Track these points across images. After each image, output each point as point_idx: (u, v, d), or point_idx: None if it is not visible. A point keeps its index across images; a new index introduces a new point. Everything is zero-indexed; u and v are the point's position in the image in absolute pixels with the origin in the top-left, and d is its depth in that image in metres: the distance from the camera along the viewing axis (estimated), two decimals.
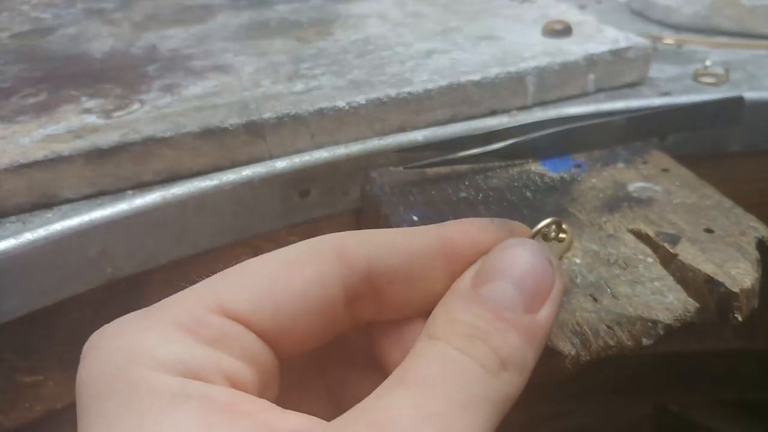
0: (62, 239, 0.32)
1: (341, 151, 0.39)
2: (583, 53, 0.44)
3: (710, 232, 0.30)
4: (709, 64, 0.48)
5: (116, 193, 0.36)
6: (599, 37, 0.47)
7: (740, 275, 0.27)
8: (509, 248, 0.21)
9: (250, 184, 0.37)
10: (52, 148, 0.35)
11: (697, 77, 0.47)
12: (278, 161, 0.38)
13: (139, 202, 0.34)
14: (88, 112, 0.39)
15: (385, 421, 0.17)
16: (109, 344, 0.18)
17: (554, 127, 0.38)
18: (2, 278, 0.31)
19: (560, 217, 0.31)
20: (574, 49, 0.45)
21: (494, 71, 0.42)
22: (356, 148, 0.39)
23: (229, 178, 0.36)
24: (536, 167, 0.38)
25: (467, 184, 0.37)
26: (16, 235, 0.32)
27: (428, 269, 0.21)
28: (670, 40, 0.55)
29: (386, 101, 0.39)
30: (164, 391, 0.17)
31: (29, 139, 0.36)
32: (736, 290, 0.26)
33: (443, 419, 0.17)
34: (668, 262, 0.29)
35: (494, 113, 0.43)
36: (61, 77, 0.45)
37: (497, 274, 0.20)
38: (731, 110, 0.40)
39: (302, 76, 0.43)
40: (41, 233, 0.32)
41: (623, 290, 0.27)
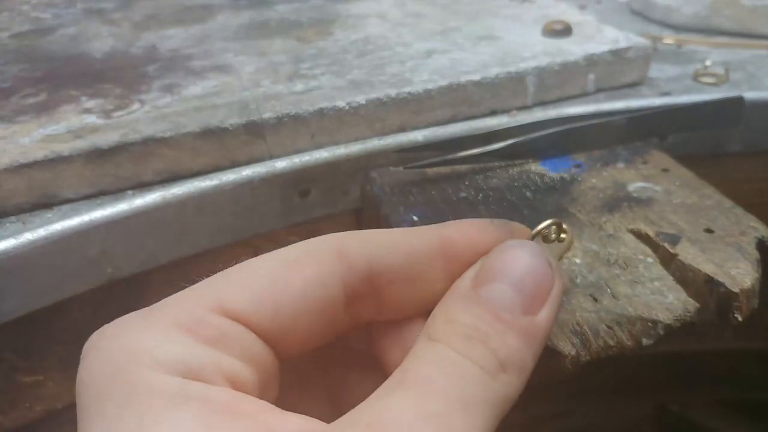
0: (62, 239, 0.32)
1: (341, 151, 0.39)
2: (583, 53, 0.44)
3: (710, 232, 0.30)
4: (709, 64, 0.48)
5: (116, 193, 0.36)
6: (599, 37, 0.47)
7: (740, 275, 0.27)
8: (509, 249, 0.21)
9: (250, 184, 0.37)
10: (52, 148, 0.35)
11: (697, 77, 0.47)
12: (278, 161, 0.38)
13: (139, 202, 0.34)
14: (88, 112, 0.39)
15: (384, 422, 0.17)
16: (109, 344, 0.18)
17: (554, 127, 0.38)
18: (2, 278, 0.31)
19: (560, 217, 0.31)
20: (574, 49, 0.45)
21: (494, 71, 0.42)
22: (356, 148, 0.39)
23: (229, 178, 0.36)
24: (536, 167, 0.38)
25: (467, 184, 0.37)
26: (16, 235, 0.32)
27: (428, 269, 0.21)
28: (670, 40, 0.55)
29: (386, 101, 0.39)
30: (164, 391, 0.17)
31: (29, 139, 0.36)
32: (736, 290, 0.26)
33: (443, 421, 0.17)
34: (668, 262, 0.29)
35: (494, 113, 0.43)
36: (61, 77, 0.45)
37: (497, 275, 0.20)
38: (731, 110, 0.40)
39: (302, 76, 0.43)
40: (41, 233, 0.32)
41: (623, 290, 0.27)
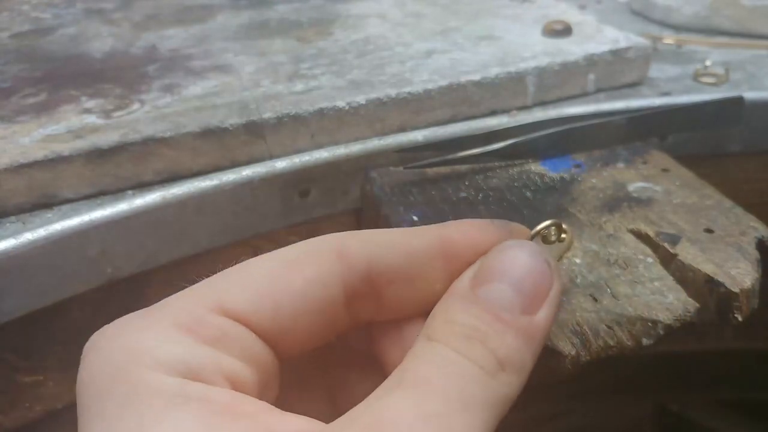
0: (62, 239, 0.32)
1: (341, 151, 0.39)
2: (583, 53, 0.44)
3: (710, 232, 0.30)
4: (709, 64, 0.48)
5: (116, 193, 0.36)
6: (599, 37, 0.47)
7: (740, 275, 0.27)
8: (508, 249, 0.21)
9: (250, 184, 0.37)
10: (52, 148, 0.35)
11: (697, 77, 0.47)
12: (278, 161, 0.38)
13: (139, 202, 0.34)
14: (88, 112, 0.39)
15: (383, 422, 0.17)
16: (109, 344, 0.18)
17: (554, 127, 0.38)
18: (2, 278, 0.31)
19: (560, 217, 0.31)
20: (574, 49, 0.45)
21: (494, 71, 0.42)
22: (356, 148, 0.39)
23: (229, 178, 0.36)
24: (536, 167, 0.38)
25: (467, 184, 0.37)
26: (16, 235, 0.32)
27: (428, 269, 0.21)
28: (670, 40, 0.55)
29: (386, 101, 0.39)
30: (164, 391, 0.17)
31: (29, 139, 0.36)
32: (736, 290, 0.26)
33: (442, 420, 0.17)
34: (668, 262, 0.29)
35: (494, 113, 0.43)
36: (61, 77, 0.45)
37: (495, 275, 0.20)
38: (731, 110, 0.40)
39: (302, 76, 0.43)
40: (41, 233, 0.32)
41: (623, 290, 0.27)
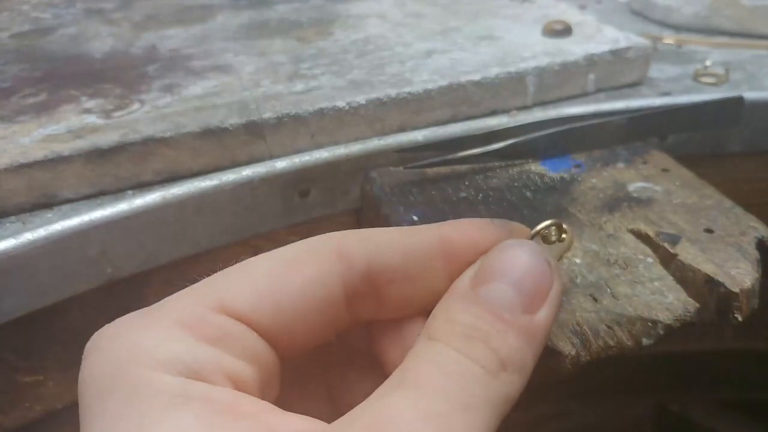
0: (62, 239, 0.32)
1: (341, 151, 0.39)
2: (583, 53, 0.44)
3: (710, 232, 0.30)
4: (709, 64, 0.48)
5: (116, 193, 0.36)
6: (599, 37, 0.47)
7: (740, 275, 0.27)
8: (508, 249, 0.21)
9: (250, 184, 0.37)
10: (52, 148, 0.35)
11: (697, 77, 0.47)
12: (278, 161, 0.38)
13: (139, 202, 0.34)
14: (88, 112, 0.39)
15: (384, 422, 0.17)
16: (110, 344, 0.18)
17: (554, 127, 0.38)
18: (2, 278, 0.31)
19: (560, 217, 0.31)
20: (574, 49, 0.45)
21: (494, 71, 0.42)
22: (356, 148, 0.39)
23: (229, 178, 0.36)
24: (536, 167, 0.38)
25: (467, 184, 0.36)
26: (16, 235, 0.32)
27: (427, 268, 0.21)
28: (670, 40, 0.55)
29: (386, 101, 0.39)
30: (165, 391, 0.17)
31: (29, 139, 0.36)
32: (736, 290, 0.26)
33: (443, 420, 0.17)
34: (668, 262, 0.29)
35: (494, 113, 0.43)
36: (61, 77, 0.45)
37: (496, 274, 0.20)
38: (731, 110, 0.40)
39: (302, 76, 0.43)
40: (41, 233, 0.32)
41: (623, 290, 0.27)
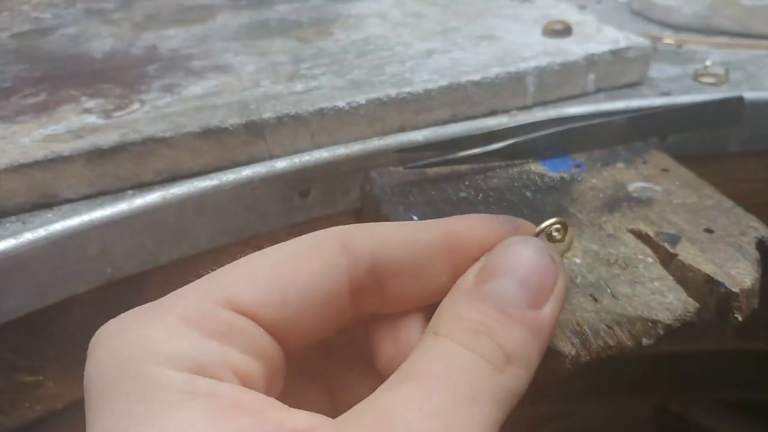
0: (62, 239, 0.32)
1: (341, 151, 0.39)
2: (583, 53, 0.44)
3: (710, 232, 0.30)
4: (709, 64, 0.48)
5: (116, 193, 0.36)
6: (599, 37, 0.47)
7: (740, 275, 0.27)
8: (512, 245, 0.21)
9: (250, 184, 0.37)
10: (52, 148, 0.35)
11: (697, 77, 0.47)
12: (278, 161, 0.38)
13: (139, 202, 0.34)
14: (88, 112, 0.39)
15: (390, 416, 0.17)
16: (115, 340, 0.18)
17: (554, 127, 0.38)
18: (2, 278, 0.31)
19: (560, 217, 0.31)
20: (574, 49, 0.45)
21: (494, 71, 0.42)
22: (356, 148, 0.39)
23: (229, 178, 0.36)
24: (536, 167, 0.38)
25: (467, 184, 0.36)
26: (16, 235, 0.32)
27: (432, 263, 0.22)
28: (670, 40, 0.55)
29: (386, 101, 0.39)
30: (171, 387, 0.17)
31: (29, 139, 0.36)
32: (736, 290, 0.26)
33: (449, 414, 0.17)
34: (668, 262, 0.29)
35: (494, 113, 0.43)
36: (61, 77, 0.45)
37: (500, 271, 0.20)
38: (731, 110, 0.40)
39: (302, 76, 0.43)
40: (41, 233, 0.32)
41: (623, 290, 0.27)
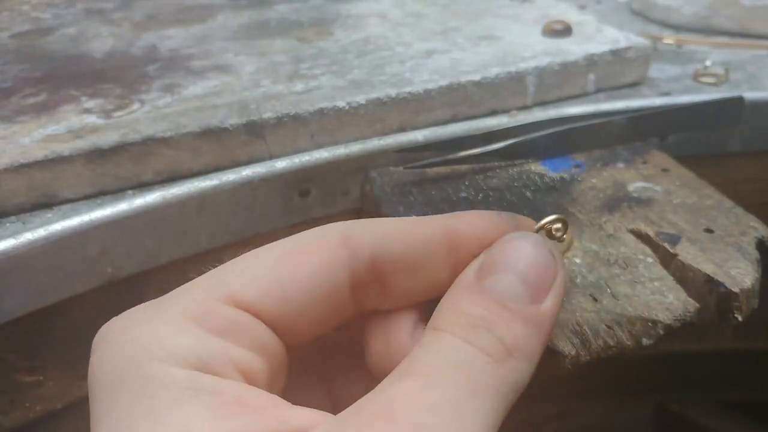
0: (62, 239, 0.32)
1: (341, 151, 0.39)
2: (583, 53, 0.44)
3: (710, 232, 0.30)
4: (709, 64, 0.48)
5: (116, 193, 0.36)
6: (599, 37, 0.47)
7: (740, 275, 0.27)
8: (512, 241, 0.21)
9: (250, 184, 0.37)
10: (52, 148, 0.35)
11: (697, 77, 0.47)
12: (278, 161, 0.38)
13: (139, 202, 0.34)
14: (88, 112, 0.39)
15: (392, 410, 0.17)
16: (119, 337, 0.18)
17: (554, 127, 0.38)
18: (2, 278, 0.31)
19: None
20: (574, 49, 0.45)
21: (494, 71, 0.42)
22: (356, 148, 0.39)
23: (229, 178, 0.36)
24: (536, 167, 0.38)
25: (467, 184, 0.37)
26: (16, 235, 0.32)
27: (432, 258, 0.22)
28: (670, 40, 0.55)
29: (386, 101, 0.39)
30: (175, 384, 0.17)
31: (29, 139, 0.36)
32: (736, 290, 0.26)
33: (451, 407, 0.17)
34: (668, 262, 0.29)
35: (494, 113, 0.43)
36: (61, 77, 0.45)
37: (500, 266, 0.21)
38: (731, 110, 0.40)
39: (302, 76, 0.43)
40: (41, 233, 0.32)
41: (623, 290, 0.27)
